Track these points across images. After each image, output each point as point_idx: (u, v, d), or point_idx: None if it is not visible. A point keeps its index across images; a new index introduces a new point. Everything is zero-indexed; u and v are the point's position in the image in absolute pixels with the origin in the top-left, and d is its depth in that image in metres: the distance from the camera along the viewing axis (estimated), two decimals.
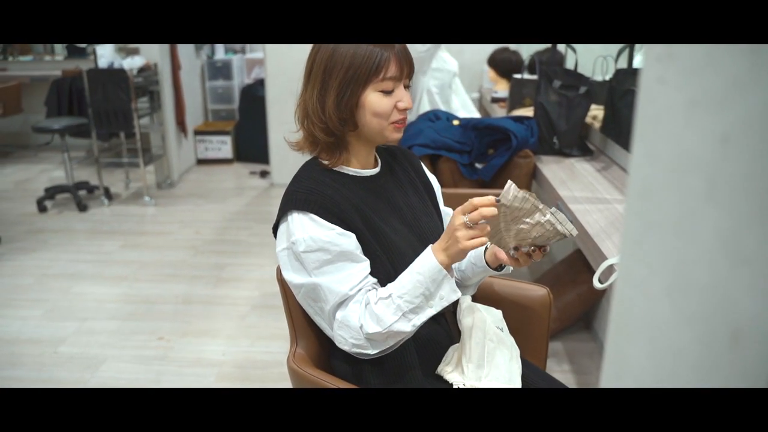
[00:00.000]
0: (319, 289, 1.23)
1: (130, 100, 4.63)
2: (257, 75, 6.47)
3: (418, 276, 1.20)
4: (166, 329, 2.97)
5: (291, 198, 1.27)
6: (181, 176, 5.60)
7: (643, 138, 0.47)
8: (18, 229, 4.33)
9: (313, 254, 1.22)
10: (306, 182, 1.28)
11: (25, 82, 6.26)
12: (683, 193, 0.43)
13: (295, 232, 1.24)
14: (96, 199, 4.97)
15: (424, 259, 1.22)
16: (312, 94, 1.27)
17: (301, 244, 1.22)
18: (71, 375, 2.62)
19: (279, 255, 1.29)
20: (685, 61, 0.42)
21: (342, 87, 1.24)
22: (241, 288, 3.41)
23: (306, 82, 1.30)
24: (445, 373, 1.34)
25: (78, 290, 3.41)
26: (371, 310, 1.21)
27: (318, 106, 1.26)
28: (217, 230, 4.32)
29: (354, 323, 1.22)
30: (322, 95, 1.26)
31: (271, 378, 2.57)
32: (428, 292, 1.20)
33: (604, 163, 2.54)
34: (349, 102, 1.25)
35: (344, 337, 1.24)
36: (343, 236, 1.23)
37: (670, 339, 0.45)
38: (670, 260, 0.44)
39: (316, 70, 1.27)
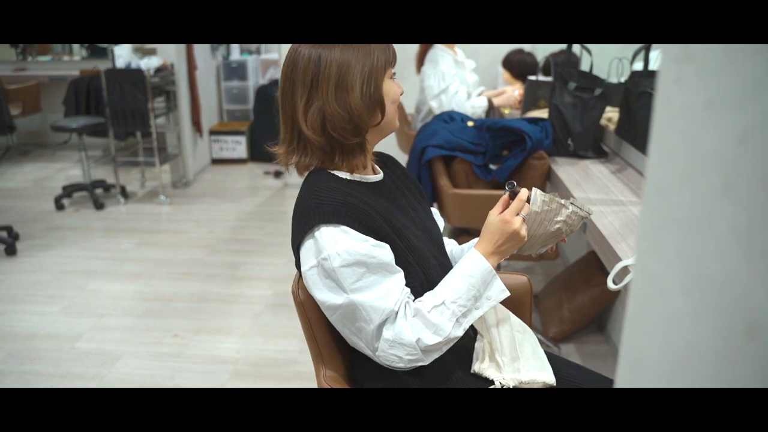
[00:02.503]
0: (359, 309, 1.15)
1: (146, 99, 4.67)
2: (272, 75, 6.50)
3: (470, 279, 1.21)
4: (181, 326, 3.00)
5: (316, 211, 1.18)
6: (196, 176, 5.64)
7: (661, 137, 0.48)
8: (36, 226, 4.38)
9: (349, 269, 1.15)
10: (328, 193, 1.21)
11: (44, 81, 6.34)
12: (700, 191, 0.43)
13: (326, 247, 1.15)
14: (112, 197, 5.02)
15: (473, 262, 1.23)
16: (329, 99, 1.20)
17: (335, 259, 1.14)
18: (88, 370, 2.65)
19: (307, 275, 1.20)
20: (702, 61, 0.43)
21: (366, 79, 1.21)
22: (255, 287, 3.43)
23: (310, 87, 1.21)
24: (482, 371, 1.33)
25: (94, 287, 3.45)
26: (426, 320, 1.17)
27: (339, 108, 1.20)
28: (231, 229, 4.35)
29: (409, 339, 1.15)
30: (343, 95, 1.20)
31: (285, 376, 2.59)
32: (478, 294, 1.22)
33: (618, 165, 2.53)
34: (376, 92, 1.22)
35: (398, 356, 1.17)
36: (378, 247, 1.17)
37: (685, 334, 0.45)
38: (686, 256, 0.45)
39: (326, 74, 1.19)
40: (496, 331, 1.36)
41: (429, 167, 2.62)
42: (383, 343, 1.17)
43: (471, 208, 2.50)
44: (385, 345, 1.17)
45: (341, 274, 1.14)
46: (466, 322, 1.21)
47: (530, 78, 3.36)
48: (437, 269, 1.31)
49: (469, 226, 2.61)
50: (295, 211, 1.25)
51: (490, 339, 1.35)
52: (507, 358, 1.33)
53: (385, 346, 1.17)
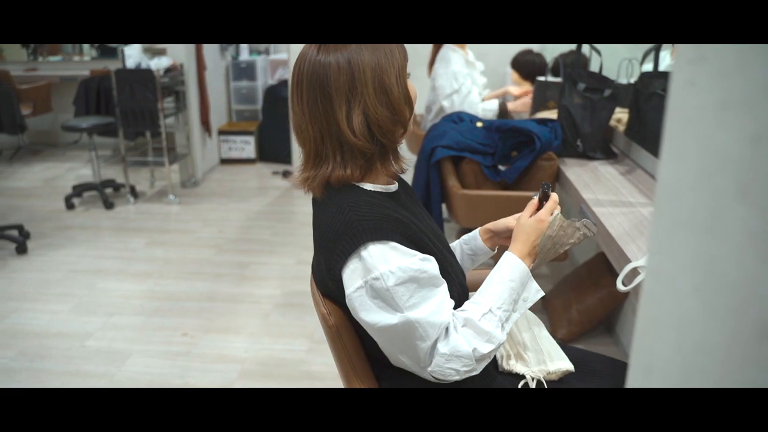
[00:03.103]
0: (416, 327, 1.09)
1: (156, 99, 4.69)
2: (281, 76, 6.52)
3: (511, 283, 1.21)
4: (190, 326, 3.01)
5: (359, 228, 1.11)
6: (204, 175, 5.66)
7: (673, 139, 0.48)
8: (47, 225, 4.40)
9: (402, 287, 1.09)
10: (367, 208, 1.14)
11: (55, 81, 6.38)
12: (713, 193, 0.44)
13: (377, 266, 1.08)
14: (122, 197, 5.04)
15: (512, 266, 1.23)
16: (372, 102, 1.13)
17: (388, 278, 1.08)
18: (98, 368, 2.67)
19: (353, 297, 1.12)
20: (716, 63, 0.43)
21: (398, 78, 1.16)
22: (263, 286, 3.44)
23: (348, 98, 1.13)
24: (512, 366, 1.34)
25: (104, 286, 3.47)
26: (479, 329, 1.14)
27: (384, 109, 1.14)
28: (240, 229, 4.36)
29: (465, 350, 1.12)
30: (384, 96, 1.15)
31: (293, 376, 2.60)
32: (517, 297, 1.22)
33: (628, 166, 2.53)
34: (406, 90, 1.19)
35: (455, 369, 1.12)
36: (426, 261, 1.13)
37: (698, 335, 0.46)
38: (699, 257, 0.45)
39: (362, 79, 1.12)
40: (516, 328, 1.38)
41: (438, 168, 2.62)
42: (439, 358, 1.12)
43: (480, 209, 2.50)
44: (442, 360, 1.12)
45: (396, 293, 1.08)
46: (508, 326, 1.21)
47: (539, 79, 3.36)
48: (461, 274, 1.32)
49: (477, 227, 2.60)
50: (329, 229, 1.15)
51: (511, 336, 1.37)
52: (531, 353, 1.36)
53: (441, 361, 1.12)
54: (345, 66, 1.12)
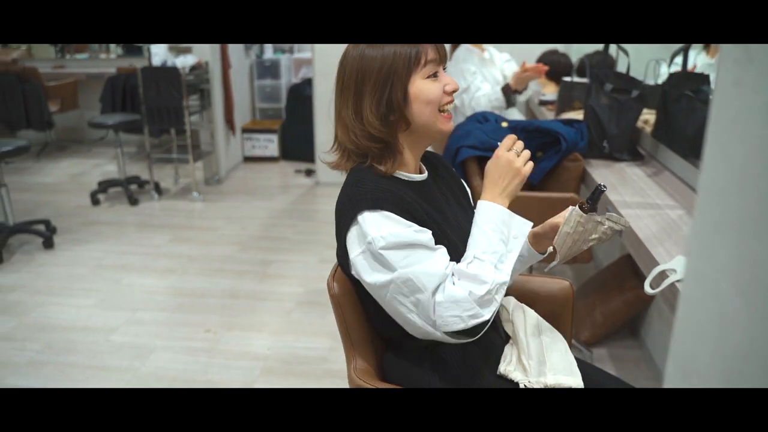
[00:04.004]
0: (412, 279, 1.15)
1: (181, 97, 4.73)
2: (304, 74, 6.54)
3: (487, 225, 1.23)
4: (213, 322, 3.04)
5: (358, 200, 1.20)
6: (228, 173, 5.69)
7: (717, 139, 0.48)
8: (73, 220, 4.46)
9: (393, 251, 1.16)
10: (370, 184, 1.22)
11: (82, 79, 6.46)
12: (759, 194, 0.43)
13: (369, 231, 1.17)
14: (146, 193, 5.10)
15: (483, 211, 1.25)
16: (347, 105, 1.25)
17: (379, 242, 1.16)
18: (122, 363, 2.70)
19: (355, 262, 1.21)
20: (764, 63, 0.43)
21: (378, 87, 1.22)
22: (286, 284, 3.45)
23: (339, 96, 1.28)
24: (508, 372, 1.33)
25: (129, 281, 3.51)
26: (467, 274, 1.17)
27: (354, 116, 1.24)
28: (262, 227, 4.39)
29: (461, 295, 1.15)
30: (358, 103, 1.24)
31: (315, 374, 2.61)
32: (504, 237, 1.23)
33: (655, 168, 2.50)
34: (391, 99, 1.22)
35: (457, 315, 1.15)
36: (420, 232, 1.19)
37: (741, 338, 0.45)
38: (743, 260, 0.44)
39: (347, 81, 1.25)
40: (524, 334, 1.38)
41: (463, 168, 2.61)
42: (439, 308, 1.15)
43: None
44: (442, 309, 1.15)
45: (389, 256, 1.16)
46: (506, 267, 1.22)
47: (565, 79, 3.33)
48: None
49: None
50: (338, 202, 1.26)
51: (518, 342, 1.36)
52: (534, 361, 1.34)
53: (441, 311, 1.15)
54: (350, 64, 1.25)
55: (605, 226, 1.28)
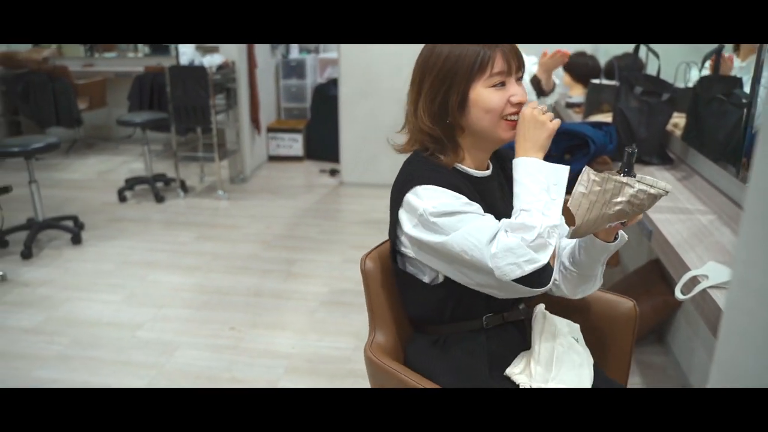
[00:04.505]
0: (465, 238, 1.19)
1: (208, 96, 4.77)
2: (330, 74, 6.56)
3: (527, 178, 1.24)
4: (237, 320, 3.06)
5: (411, 177, 1.27)
6: (253, 172, 5.73)
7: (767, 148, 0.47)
8: (100, 217, 4.52)
9: (444, 218, 1.21)
10: (424, 168, 1.28)
11: (110, 77, 6.54)
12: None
13: (420, 204, 1.23)
14: (172, 191, 5.14)
15: (522, 167, 1.26)
16: (410, 97, 1.31)
17: (430, 211, 1.21)
18: (148, 359, 2.72)
19: (410, 233, 1.27)
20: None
21: (435, 87, 1.26)
22: (310, 283, 3.47)
23: (410, 86, 1.33)
24: (512, 375, 1.35)
25: (154, 278, 3.54)
26: (515, 224, 1.20)
27: (412, 109, 1.30)
28: (287, 226, 4.40)
29: (514, 242, 1.17)
30: (416, 98, 1.30)
31: (339, 374, 2.61)
32: (545, 186, 1.24)
33: (684, 172, 2.47)
34: (446, 102, 1.26)
35: (513, 263, 1.17)
36: (470, 204, 1.24)
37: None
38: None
39: (414, 74, 1.30)
40: (539, 340, 1.38)
41: None
42: (494, 259, 1.17)
43: None
44: (497, 260, 1.17)
45: (441, 223, 1.21)
46: (553, 212, 1.23)
47: (593, 81, 3.31)
48: None
49: None
50: (394, 182, 1.32)
51: (531, 348, 1.35)
52: (541, 367, 1.34)
53: (497, 261, 1.17)
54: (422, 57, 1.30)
55: (635, 189, 1.14)
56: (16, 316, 3.10)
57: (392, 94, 5.07)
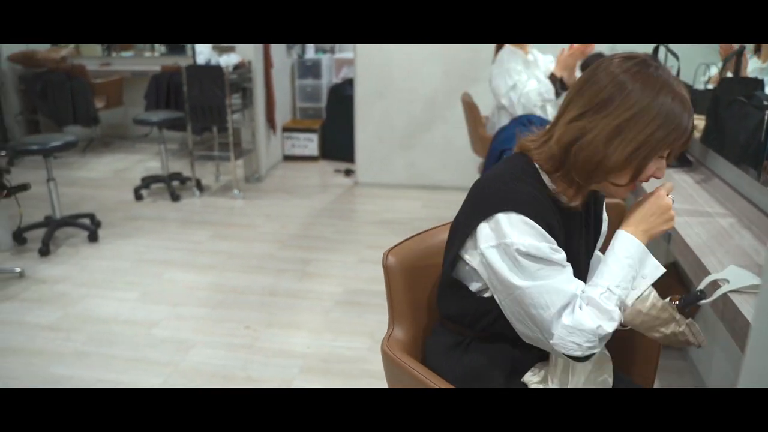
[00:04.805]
0: (540, 293, 1.15)
1: (224, 96, 4.79)
2: (345, 75, 6.57)
3: (628, 260, 1.20)
4: (252, 319, 3.06)
5: (509, 197, 1.18)
6: (268, 171, 5.74)
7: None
8: (116, 215, 4.55)
9: (528, 260, 1.15)
10: (524, 186, 1.20)
11: (127, 76, 6.59)
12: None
13: (511, 234, 1.16)
14: (188, 190, 5.17)
15: (627, 244, 1.21)
16: (602, 127, 1.14)
17: (516, 247, 1.15)
18: (163, 356, 2.74)
19: (485, 252, 1.19)
20: None
21: (638, 146, 1.13)
22: (325, 283, 3.47)
23: (592, 107, 1.16)
24: (528, 382, 1.34)
25: (170, 276, 3.56)
26: (601, 307, 1.16)
27: (602, 146, 1.14)
28: (302, 225, 4.41)
29: (589, 326, 1.14)
30: (613, 140, 1.14)
31: (354, 374, 2.61)
32: (635, 274, 1.21)
33: (704, 175, 2.45)
34: (642, 162, 1.15)
35: (577, 343, 1.15)
36: (556, 252, 1.18)
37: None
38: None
39: (620, 107, 1.13)
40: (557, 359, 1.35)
41: None
42: (562, 330, 1.15)
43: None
44: (565, 332, 1.15)
45: (524, 263, 1.15)
46: (626, 305, 1.20)
47: None
48: None
49: None
50: (485, 184, 1.25)
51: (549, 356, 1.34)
52: (557, 379, 1.32)
53: (564, 333, 1.15)
54: (637, 95, 1.13)
55: (680, 329, 1.22)
56: (34, 312, 3.12)
57: (408, 95, 5.07)
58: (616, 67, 1.16)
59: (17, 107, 6.43)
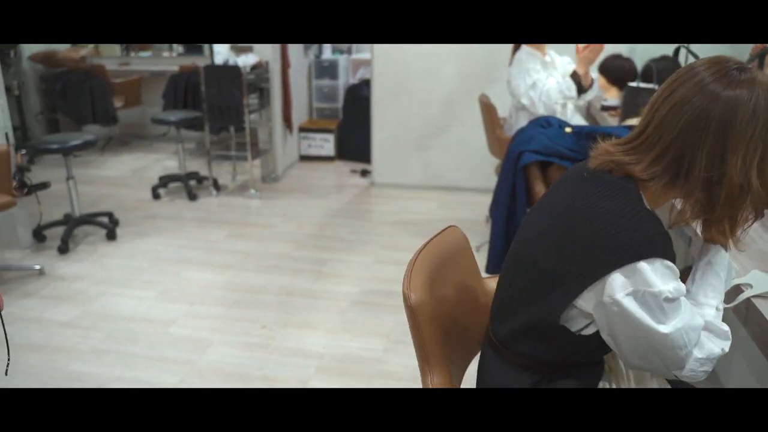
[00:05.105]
0: (681, 336, 1.09)
1: (242, 96, 4.81)
2: (362, 75, 6.58)
3: (725, 272, 1.21)
4: (269, 318, 3.07)
5: (648, 242, 1.08)
6: (284, 171, 5.76)
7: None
8: (134, 214, 4.58)
9: (675, 304, 1.08)
10: (654, 224, 1.11)
11: (145, 76, 6.63)
12: None
13: (656, 282, 1.07)
14: (205, 189, 5.20)
15: (723, 257, 1.21)
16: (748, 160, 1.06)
17: (666, 294, 1.07)
18: (180, 355, 2.75)
19: (623, 300, 1.08)
20: None
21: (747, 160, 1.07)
22: (341, 283, 3.47)
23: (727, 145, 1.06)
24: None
25: (187, 275, 3.58)
26: (719, 330, 1.15)
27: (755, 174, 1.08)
28: (318, 226, 4.42)
29: (717, 353, 1.13)
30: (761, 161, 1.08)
31: (370, 374, 2.61)
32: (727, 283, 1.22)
33: None
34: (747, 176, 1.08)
35: (706, 371, 1.13)
36: (682, 284, 1.13)
37: None
38: None
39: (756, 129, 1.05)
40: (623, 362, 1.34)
41: (524, 173, 2.58)
42: (694, 363, 1.12)
43: None
44: (697, 365, 1.12)
45: (667, 308, 1.08)
46: None
47: (631, 84, 3.26)
48: None
49: None
50: (605, 223, 1.11)
51: (616, 369, 1.33)
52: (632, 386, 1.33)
53: (696, 366, 1.13)
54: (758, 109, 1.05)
55: None
56: (53, 309, 3.15)
57: (425, 96, 5.06)
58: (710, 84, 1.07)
59: (38, 106, 6.49)
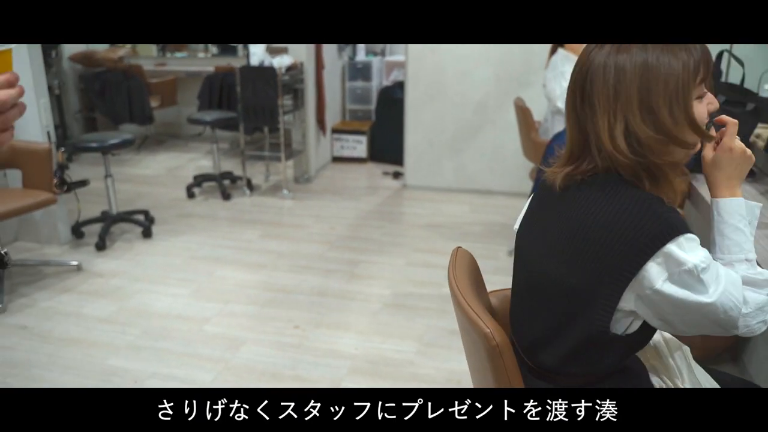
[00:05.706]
0: (728, 298, 1.09)
1: (277, 96, 4.84)
2: (395, 77, 6.58)
3: (743, 222, 1.20)
4: (301, 318, 3.09)
5: (664, 222, 1.06)
6: (317, 172, 5.79)
7: None
8: (169, 212, 4.65)
9: (710, 271, 1.08)
10: (658, 204, 1.09)
11: (181, 76, 6.73)
12: None
13: (687, 258, 1.05)
14: (238, 189, 5.24)
15: (737, 210, 1.20)
16: (634, 119, 1.09)
17: (699, 265, 1.06)
18: (214, 353, 2.78)
19: (662, 288, 1.07)
20: None
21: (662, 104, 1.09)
22: (373, 285, 3.48)
23: (607, 105, 1.10)
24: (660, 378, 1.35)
25: (221, 274, 3.62)
26: (757, 280, 1.15)
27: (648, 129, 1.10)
28: (350, 227, 4.43)
29: (764, 300, 1.13)
30: (650, 116, 1.10)
31: (402, 377, 2.61)
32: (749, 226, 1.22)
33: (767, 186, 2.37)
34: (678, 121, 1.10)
35: (762, 320, 1.13)
36: None
37: None
38: None
39: (627, 89, 1.09)
40: (672, 361, 1.35)
41: None
42: (746, 318, 1.11)
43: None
44: (749, 319, 1.12)
45: (705, 278, 1.07)
46: None
47: None
48: None
49: None
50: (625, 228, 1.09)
51: (666, 369, 1.32)
52: (687, 383, 1.33)
53: (748, 320, 1.12)
54: (610, 72, 1.09)
55: None
56: (92, 305, 3.21)
57: (459, 99, 5.05)
58: (598, 56, 1.11)
59: (76, 105, 6.62)
